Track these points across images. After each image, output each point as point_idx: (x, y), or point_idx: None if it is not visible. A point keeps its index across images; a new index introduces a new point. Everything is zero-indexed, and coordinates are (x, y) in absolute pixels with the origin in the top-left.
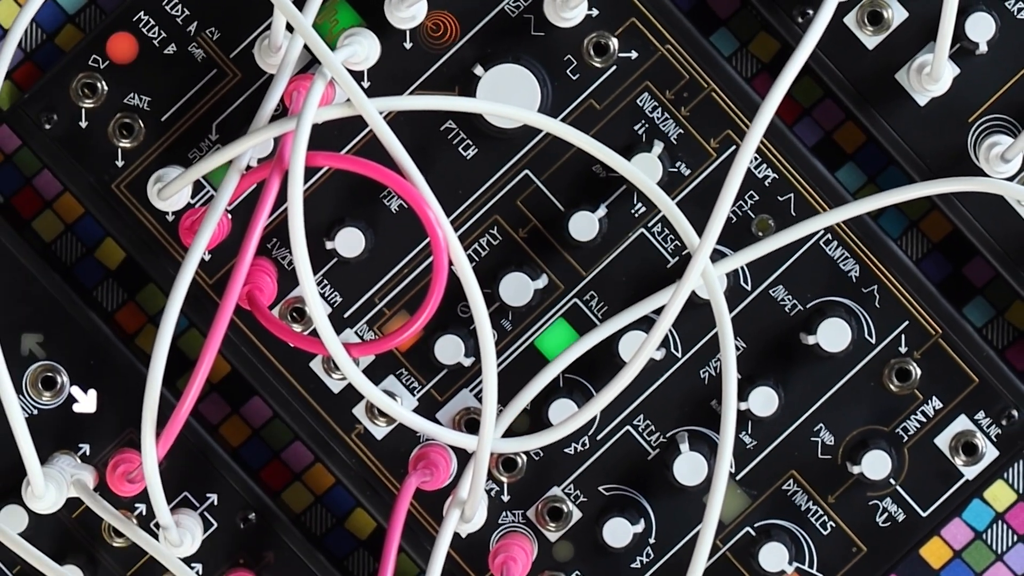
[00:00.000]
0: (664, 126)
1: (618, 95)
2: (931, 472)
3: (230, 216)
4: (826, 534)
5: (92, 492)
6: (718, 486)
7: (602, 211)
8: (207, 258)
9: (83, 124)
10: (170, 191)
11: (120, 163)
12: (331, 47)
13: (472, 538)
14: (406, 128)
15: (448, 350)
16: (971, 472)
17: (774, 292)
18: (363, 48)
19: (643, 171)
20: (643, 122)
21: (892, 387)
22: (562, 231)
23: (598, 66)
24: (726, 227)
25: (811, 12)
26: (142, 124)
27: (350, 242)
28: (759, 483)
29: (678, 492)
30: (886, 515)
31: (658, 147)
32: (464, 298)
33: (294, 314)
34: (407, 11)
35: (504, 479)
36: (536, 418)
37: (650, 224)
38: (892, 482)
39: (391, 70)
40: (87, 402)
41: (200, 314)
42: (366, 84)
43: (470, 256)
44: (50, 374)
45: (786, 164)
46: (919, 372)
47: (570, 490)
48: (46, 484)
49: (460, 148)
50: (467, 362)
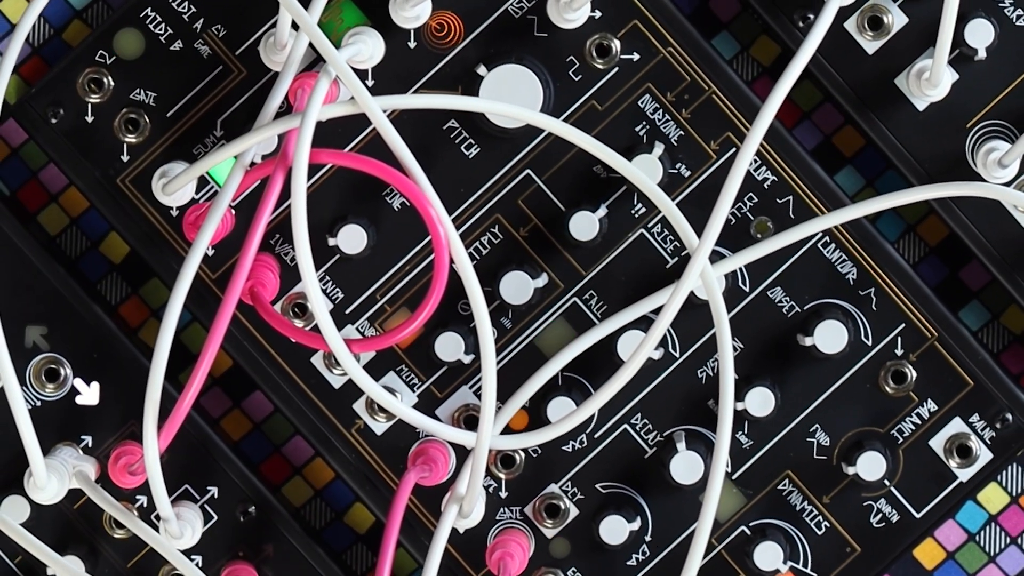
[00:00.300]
0: (665, 128)
1: (620, 96)
2: (925, 474)
3: (234, 212)
4: (820, 534)
5: (94, 484)
6: (714, 485)
7: (602, 211)
8: (210, 253)
9: (89, 119)
10: (175, 186)
11: (125, 158)
12: (336, 46)
13: (470, 534)
14: (409, 127)
15: (448, 347)
16: (965, 474)
17: (772, 294)
18: (367, 47)
19: (644, 172)
20: (644, 123)
21: (888, 389)
22: (562, 231)
23: (600, 67)
24: (725, 228)
25: (812, 16)
26: (148, 119)
27: (352, 239)
28: (755, 483)
29: (674, 491)
30: (880, 516)
31: (659, 148)
32: (465, 296)
33: (296, 310)
34: (411, 11)
35: (502, 476)
36: (535, 416)
37: (650, 225)
38: (887, 483)
39: (395, 69)
40: (90, 394)
41: (203, 308)
42: (370, 83)
43: (471, 254)
44: (53, 366)
45: (785, 167)
46: (915, 375)
47: (567, 487)
48: (48, 475)
49: (462, 147)
50: (467, 359)
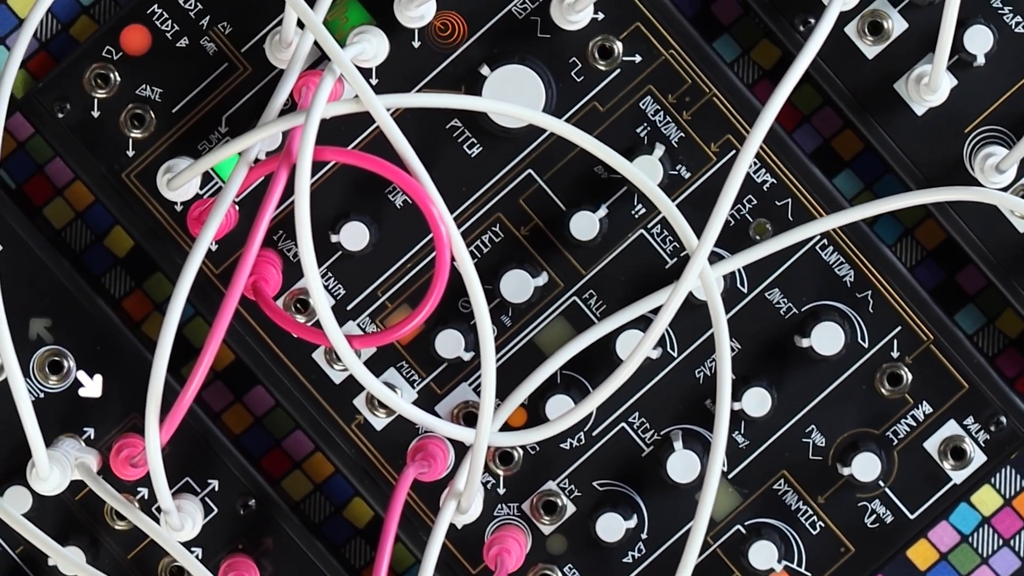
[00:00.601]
0: (666, 129)
1: (621, 98)
2: (920, 475)
3: (237, 208)
4: (815, 534)
5: (95, 475)
6: (710, 484)
7: (603, 211)
8: (214, 248)
9: (95, 114)
10: (179, 182)
11: (131, 153)
12: (341, 44)
13: (467, 529)
14: (412, 125)
15: (448, 344)
16: (959, 476)
17: (770, 295)
18: (372, 46)
19: (644, 173)
20: (645, 125)
21: (883, 391)
22: (563, 230)
23: (602, 69)
24: (724, 230)
25: (812, 21)
26: (153, 115)
27: (355, 236)
28: (750, 482)
29: (671, 489)
30: (874, 516)
31: (659, 150)
32: (465, 293)
33: (298, 305)
34: (416, 10)
35: (500, 472)
36: (533, 413)
37: (649, 225)
38: (881, 484)
39: (399, 68)
40: (93, 387)
41: (206, 303)
42: (374, 81)
43: (472, 252)
44: (57, 358)
45: (785, 170)
46: (910, 377)
47: (565, 484)
48: (51, 466)
49: (465, 146)
50: (467, 356)
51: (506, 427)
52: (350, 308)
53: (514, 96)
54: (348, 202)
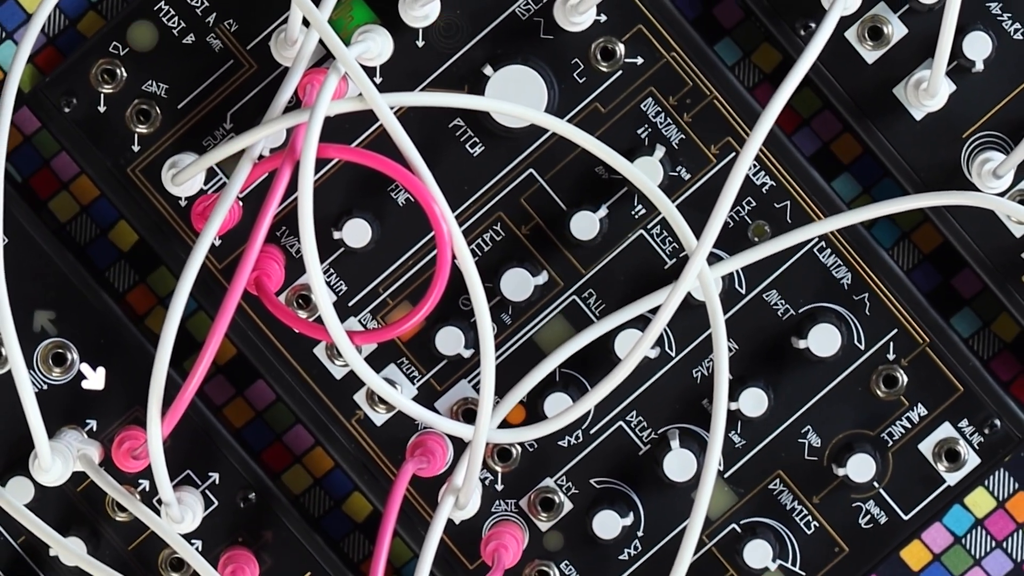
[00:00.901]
0: (666, 131)
1: (623, 99)
2: (914, 477)
3: (241, 203)
4: (810, 533)
5: (97, 467)
6: (706, 483)
7: (603, 212)
8: (217, 243)
9: (101, 109)
10: (184, 177)
11: (136, 148)
12: (345, 43)
13: (465, 525)
14: (415, 124)
15: (448, 341)
16: (953, 478)
17: (768, 296)
18: (376, 45)
19: (645, 174)
20: (646, 126)
21: (879, 393)
22: (563, 230)
23: (604, 70)
24: (723, 231)
25: (813, 25)
26: (159, 111)
27: (357, 233)
28: (746, 481)
29: (667, 487)
30: (869, 517)
31: (660, 151)
32: (466, 291)
33: (300, 301)
34: (420, 10)
35: (498, 469)
36: (532, 410)
37: (649, 226)
38: (876, 485)
39: (403, 67)
40: (96, 379)
41: (209, 298)
42: (378, 80)
43: (473, 250)
44: (60, 351)
45: (784, 172)
46: (906, 379)
47: (562, 482)
48: (53, 458)
49: (467, 145)
50: (467, 354)
51: (505, 424)
52: (351, 304)
53: (516, 96)
54: (351, 199)
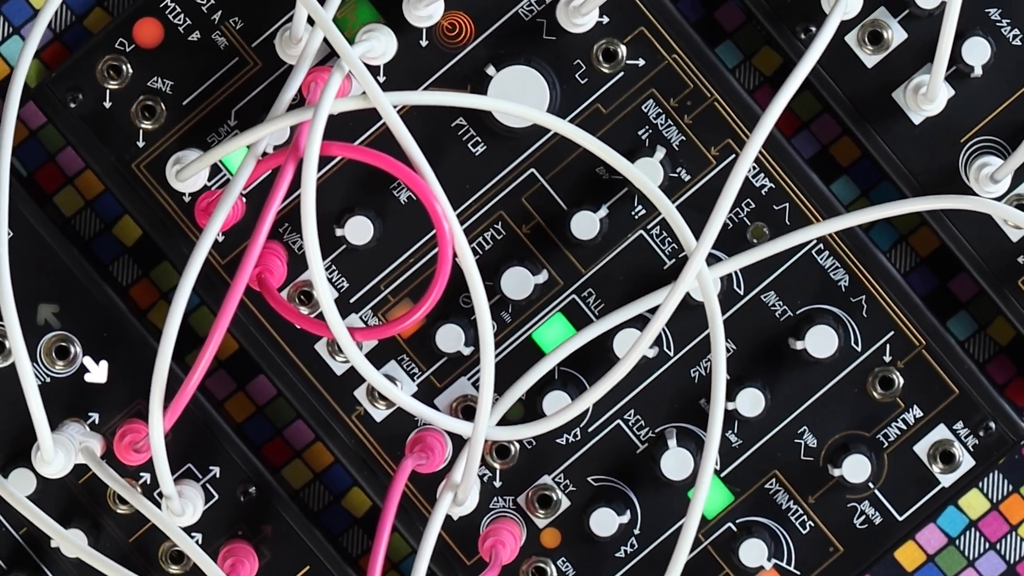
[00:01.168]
0: (667, 132)
1: (624, 100)
2: (909, 478)
3: (244, 200)
4: (805, 533)
5: (99, 460)
6: (703, 482)
7: (603, 212)
8: (220, 239)
9: (107, 104)
10: (188, 173)
11: (141, 144)
12: (350, 42)
13: (463, 521)
14: (418, 123)
15: (449, 339)
16: (947, 480)
17: (765, 297)
18: (380, 44)
19: (645, 175)
20: (647, 127)
21: (875, 394)
22: (564, 229)
23: (606, 72)
24: (722, 232)
25: (814, 29)
26: (164, 107)
27: (359, 230)
28: (742, 481)
29: (664, 486)
30: (863, 517)
31: (660, 152)
32: (466, 289)
33: (302, 297)
34: (424, 10)
35: (497, 465)
36: (531, 408)
37: (649, 226)
38: (871, 486)
39: (407, 66)
40: (98, 372)
41: (211, 293)
42: (382, 79)
43: (474, 249)
44: (64, 344)
45: (783, 174)
46: (902, 381)
47: (560, 479)
48: (55, 450)
49: (469, 145)
50: (466, 351)
51: (504, 421)
52: (353, 301)
53: (519, 96)
54: (353, 197)
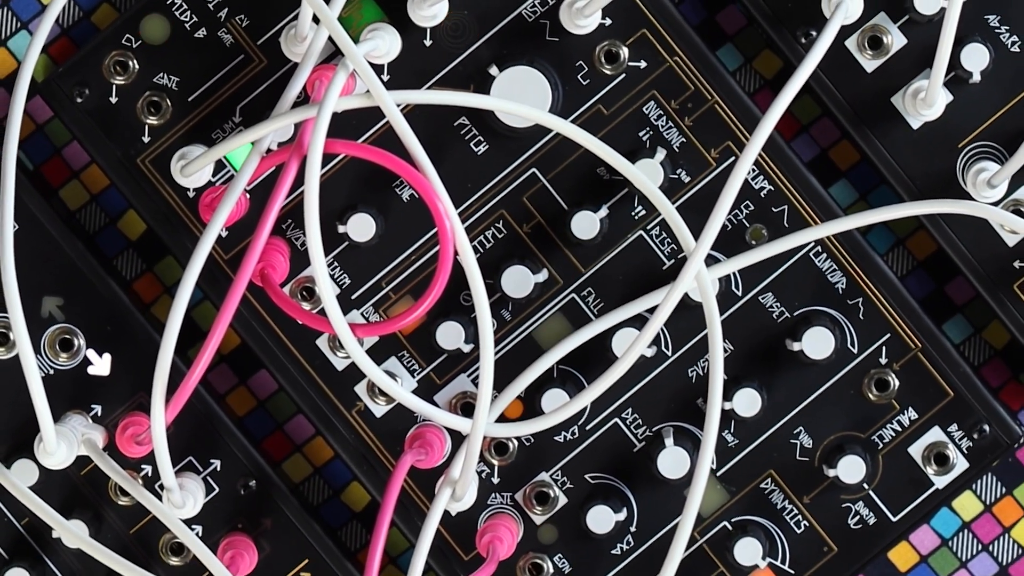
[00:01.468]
0: (668, 134)
1: (625, 102)
2: (903, 479)
3: (248, 196)
4: (799, 533)
5: (101, 451)
6: (699, 481)
7: (604, 212)
8: (224, 235)
9: (113, 100)
10: (192, 168)
11: (146, 139)
12: (355, 40)
13: (461, 517)
14: (421, 122)
15: (449, 336)
16: (941, 482)
17: (763, 299)
18: (385, 43)
19: (645, 176)
20: (648, 129)
21: (871, 396)
22: (564, 229)
23: (608, 73)
24: (721, 234)
25: (814, 33)
26: (169, 103)
27: (361, 227)
28: (738, 480)
29: (660, 484)
30: (858, 518)
31: (660, 154)
32: (467, 287)
33: (304, 293)
34: (428, 10)
35: (495, 462)
36: (529, 405)
37: (648, 227)
38: (865, 487)
39: (410, 65)
40: (101, 365)
41: (214, 287)
42: (386, 77)
43: (475, 247)
44: (68, 336)
45: (782, 177)
46: (897, 383)
47: (557, 476)
48: (58, 441)
49: (472, 144)
50: (466, 348)
51: (502, 418)
52: (354, 297)
53: (521, 97)
54: (356, 194)
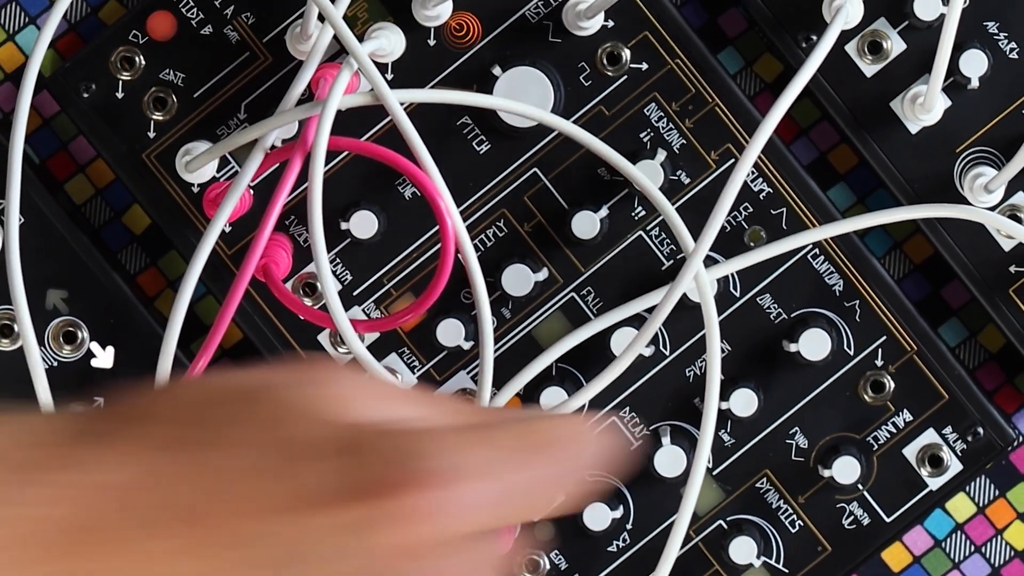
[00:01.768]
0: (668, 136)
1: (627, 103)
2: (897, 480)
3: (252, 192)
4: (794, 532)
5: None
6: (695, 479)
7: (604, 212)
8: (227, 230)
9: (119, 95)
10: (197, 164)
11: (152, 134)
12: (359, 39)
13: None
14: (424, 120)
15: (449, 333)
16: (935, 483)
17: (761, 300)
18: (389, 42)
19: (646, 176)
20: (648, 130)
21: (866, 398)
22: (565, 228)
23: (610, 75)
24: (720, 235)
25: (814, 38)
26: (175, 99)
27: (364, 224)
28: (734, 479)
29: (657, 483)
30: (852, 518)
31: (661, 155)
32: (467, 284)
33: (306, 289)
34: (433, 10)
35: None
36: (528, 403)
37: (648, 227)
38: (860, 487)
39: (414, 65)
40: (105, 358)
41: (217, 282)
42: (389, 76)
43: (476, 246)
44: (72, 329)
45: (781, 180)
46: (893, 385)
47: None
48: None
49: (474, 143)
50: (466, 345)
51: None
52: (356, 294)
53: (524, 97)
54: (359, 191)
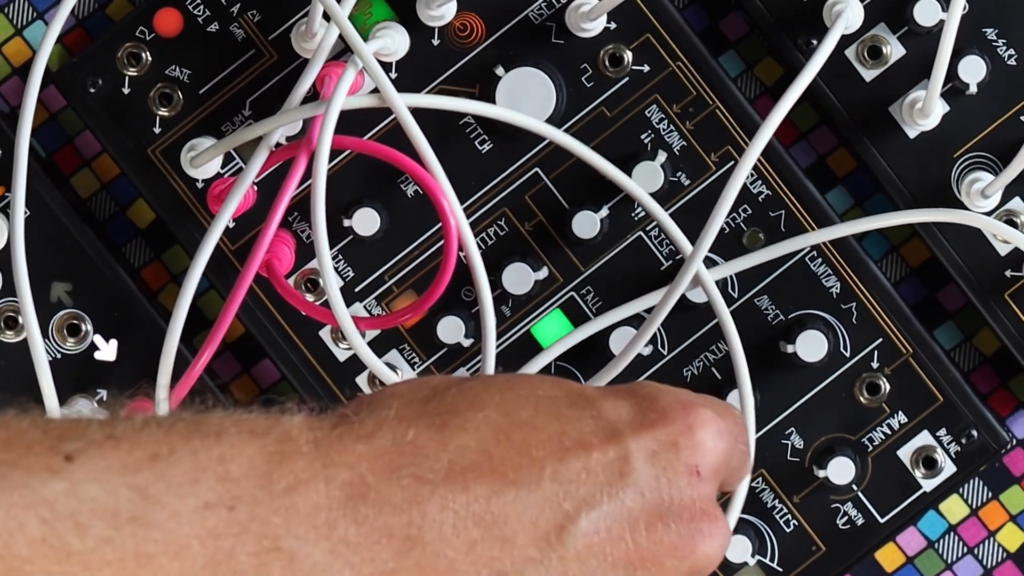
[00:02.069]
0: (669, 137)
1: (628, 105)
2: (891, 482)
3: (256, 188)
4: (788, 531)
5: None
6: None
7: (604, 212)
8: (231, 226)
9: (125, 91)
10: (202, 160)
11: (157, 130)
12: (364, 38)
13: None
14: (428, 120)
15: (450, 330)
16: (929, 485)
17: (759, 301)
18: (393, 41)
19: (646, 178)
20: (649, 132)
21: (862, 399)
22: (565, 228)
23: (611, 76)
24: (719, 237)
25: (815, 42)
26: (181, 95)
27: (366, 222)
28: None
29: None
30: (846, 518)
31: (661, 157)
32: (468, 282)
33: (308, 285)
34: (437, 10)
35: None
36: None
37: (648, 228)
38: (854, 488)
39: (418, 64)
40: (108, 351)
41: (220, 277)
42: (393, 75)
43: (477, 244)
44: (75, 322)
45: (780, 182)
46: (888, 387)
47: None
48: None
49: (476, 143)
50: (467, 343)
51: None
52: (358, 290)
53: (526, 97)
54: (362, 189)
